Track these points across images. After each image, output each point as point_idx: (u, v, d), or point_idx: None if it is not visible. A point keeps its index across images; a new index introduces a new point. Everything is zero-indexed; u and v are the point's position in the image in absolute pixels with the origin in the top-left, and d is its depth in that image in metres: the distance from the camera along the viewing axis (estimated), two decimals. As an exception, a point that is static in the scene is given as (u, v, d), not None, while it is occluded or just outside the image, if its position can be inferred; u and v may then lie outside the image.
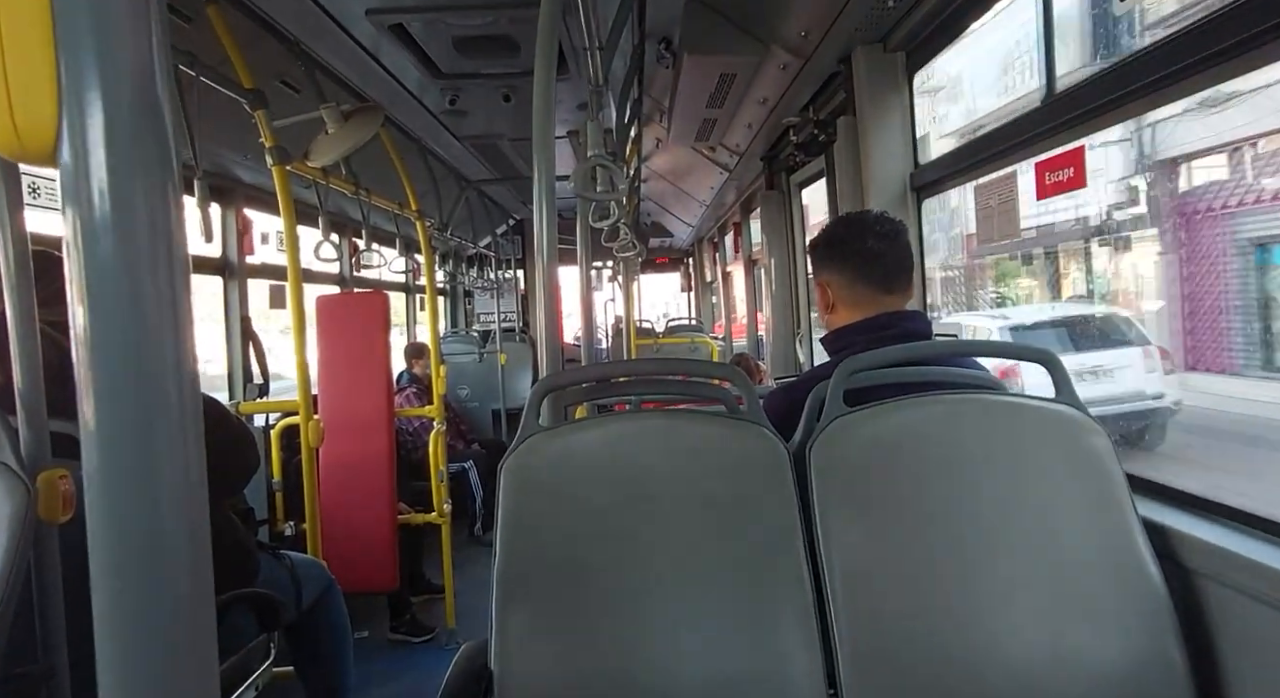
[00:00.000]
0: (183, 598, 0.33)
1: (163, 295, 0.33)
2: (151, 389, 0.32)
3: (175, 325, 0.33)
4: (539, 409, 1.25)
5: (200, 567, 0.34)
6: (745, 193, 4.88)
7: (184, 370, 0.34)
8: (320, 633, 2.10)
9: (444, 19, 2.32)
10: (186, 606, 0.34)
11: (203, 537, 0.34)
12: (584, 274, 2.44)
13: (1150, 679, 1.05)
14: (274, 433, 3.05)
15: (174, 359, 0.33)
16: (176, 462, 0.33)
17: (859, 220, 1.46)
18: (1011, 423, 1.19)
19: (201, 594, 0.35)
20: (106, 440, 0.31)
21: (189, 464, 0.34)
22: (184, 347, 0.34)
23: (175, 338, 0.33)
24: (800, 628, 1.10)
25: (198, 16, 1.98)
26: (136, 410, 0.32)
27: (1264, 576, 1.00)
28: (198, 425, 0.35)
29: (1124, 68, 1.33)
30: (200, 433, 0.35)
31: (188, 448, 0.34)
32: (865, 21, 2.17)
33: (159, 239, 0.33)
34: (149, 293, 0.32)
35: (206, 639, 0.35)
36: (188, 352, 0.34)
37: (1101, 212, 4.83)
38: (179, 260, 0.34)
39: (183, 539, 0.33)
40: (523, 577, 1.13)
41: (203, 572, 0.34)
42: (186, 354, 0.34)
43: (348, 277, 4.46)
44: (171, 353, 0.33)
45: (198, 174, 2.21)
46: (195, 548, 0.34)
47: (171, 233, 0.34)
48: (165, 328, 0.33)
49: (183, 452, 0.33)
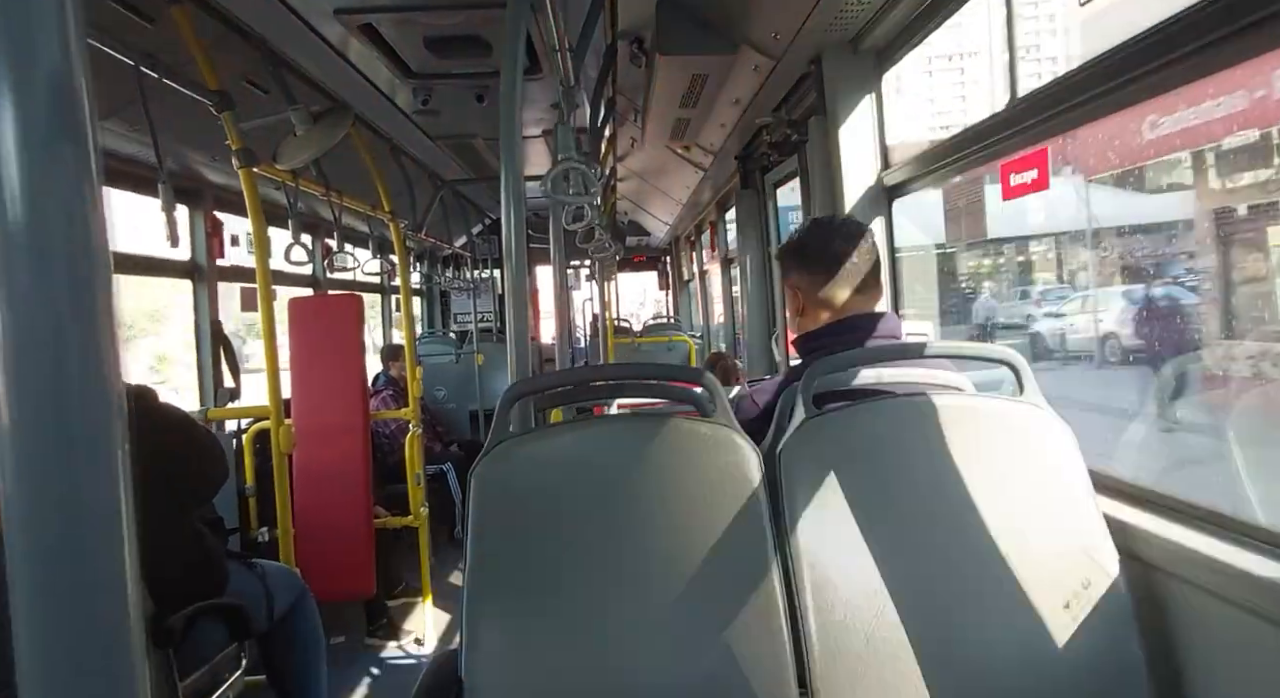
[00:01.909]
0: (108, 625, 0.32)
1: (80, 300, 0.31)
2: (68, 401, 0.31)
3: (94, 330, 0.32)
4: (509, 415, 1.24)
5: (127, 590, 0.33)
6: (721, 192, 4.90)
7: (105, 379, 0.32)
8: (292, 642, 2.08)
9: (415, 18, 2.30)
10: (112, 633, 0.32)
11: (129, 560, 0.33)
12: (558, 275, 2.43)
13: (1111, 673, 1.08)
14: (246, 438, 3.01)
15: (94, 367, 0.32)
16: (97, 476, 0.32)
17: (825, 224, 1.48)
18: (978, 424, 1.21)
19: (127, 617, 0.33)
20: (22, 459, 0.30)
21: (112, 479, 0.32)
22: (105, 355, 0.32)
23: (95, 343, 0.32)
24: (771, 630, 1.10)
25: (160, 17, 1.94)
26: (55, 423, 0.31)
27: (1220, 571, 1.03)
28: (122, 435, 0.33)
29: (1083, 73, 1.35)
30: (125, 445, 0.33)
31: (110, 462, 0.32)
32: (835, 23, 2.18)
33: (76, 240, 0.31)
34: (65, 297, 0.31)
35: (129, 664, 0.34)
36: (109, 360, 0.32)
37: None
38: (101, 264, 0.32)
39: (107, 562, 0.32)
40: (494, 586, 1.13)
41: (130, 595, 0.33)
42: (107, 362, 0.32)
43: (321, 278, 4.41)
44: (92, 361, 0.32)
45: (161, 177, 2.16)
46: (121, 571, 0.33)
47: (90, 233, 0.32)
48: (83, 333, 0.31)
49: (105, 466, 0.32)
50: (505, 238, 1.42)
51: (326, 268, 4.39)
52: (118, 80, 2.06)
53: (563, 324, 2.72)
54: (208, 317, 3.31)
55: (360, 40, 2.38)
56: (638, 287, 11.70)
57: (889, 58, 2.33)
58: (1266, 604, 0.96)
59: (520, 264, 1.44)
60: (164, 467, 1.68)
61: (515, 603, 1.12)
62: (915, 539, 1.14)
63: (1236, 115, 2.00)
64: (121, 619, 0.33)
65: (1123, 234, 4.69)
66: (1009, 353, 1.26)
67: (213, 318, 3.33)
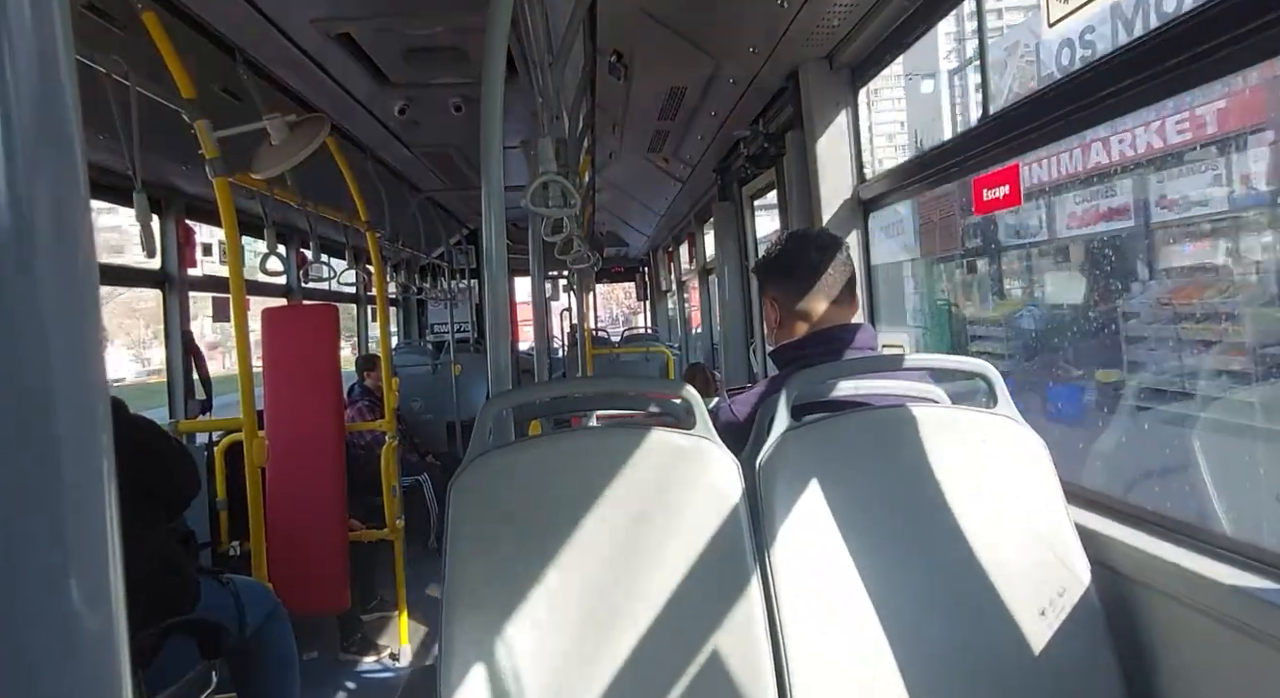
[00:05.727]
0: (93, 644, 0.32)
1: (67, 309, 0.31)
2: (52, 411, 0.30)
3: (80, 340, 0.31)
4: (488, 427, 1.24)
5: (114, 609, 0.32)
6: (699, 203, 4.93)
7: (92, 394, 0.32)
8: (264, 658, 2.04)
9: (392, 28, 2.29)
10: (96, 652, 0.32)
11: (115, 578, 0.32)
12: (537, 286, 2.43)
13: (1085, 680, 1.09)
14: (217, 451, 2.96)
15: (79, 379, 0.31)
16: (81, 489, 0.31)
17: (801, 237, 1.50)
18: (954, 435, 1.23)
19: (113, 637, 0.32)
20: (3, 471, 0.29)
21: (97, 492, 0.32)
22: (91, 366, 0.31)
23: (80, 354, 0.31)
24: (751, 640, 1.11)
25: (132, 23, 1.91)
26: (39, 435, 0.30)
27: (1186, 580, 1.05)
28: (107, 447, 0.33)
29: (1052, 92, 1.39)
30: (110, 466, 0.33)
31: (96, 474, 0.32)
32: (811, 39, 2.22)
33: (65, 250, 0.31)
34: (50, 306, 0.30)
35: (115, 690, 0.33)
36: (95, 371, 0.32)
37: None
38: (87, 273, 0.32)
39: (94, 580, 0.31)
40: (473, 598, 1.12)
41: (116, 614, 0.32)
42: (93, 374, 0.32)
43: (295, 288, 4.36)
44: (78, 372, 0.31)
45: (136, 186, 2.13)
46: (108, 588, 0.32)
47: (80, 245, 0.31)
48: (69, 343, 0.31)
49: (89, 478, 0.31)
50: (485, 248, 1.41)
51: (301, 278, 4.34)
52: (87, 87, 2.03)
53: (540, 334, 2.71)
54: (178, 327, 3.25)
55: (337, 49, 2.37)
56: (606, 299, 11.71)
57: (865, 73, 2.37)
58: (1230, 610, 0.99)
59: (500, 274, 1.43)
60: (134, 479, 1.64)
61: (494, 616, 1.11)
62: (893, 549, 1.15)
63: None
64: (108, 637, 0.32)
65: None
66: (983, 365, 1.28)
67: (184, 328, 3.27)
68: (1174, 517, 1.18)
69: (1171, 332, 3.03)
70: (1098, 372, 3.41)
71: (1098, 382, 3.40)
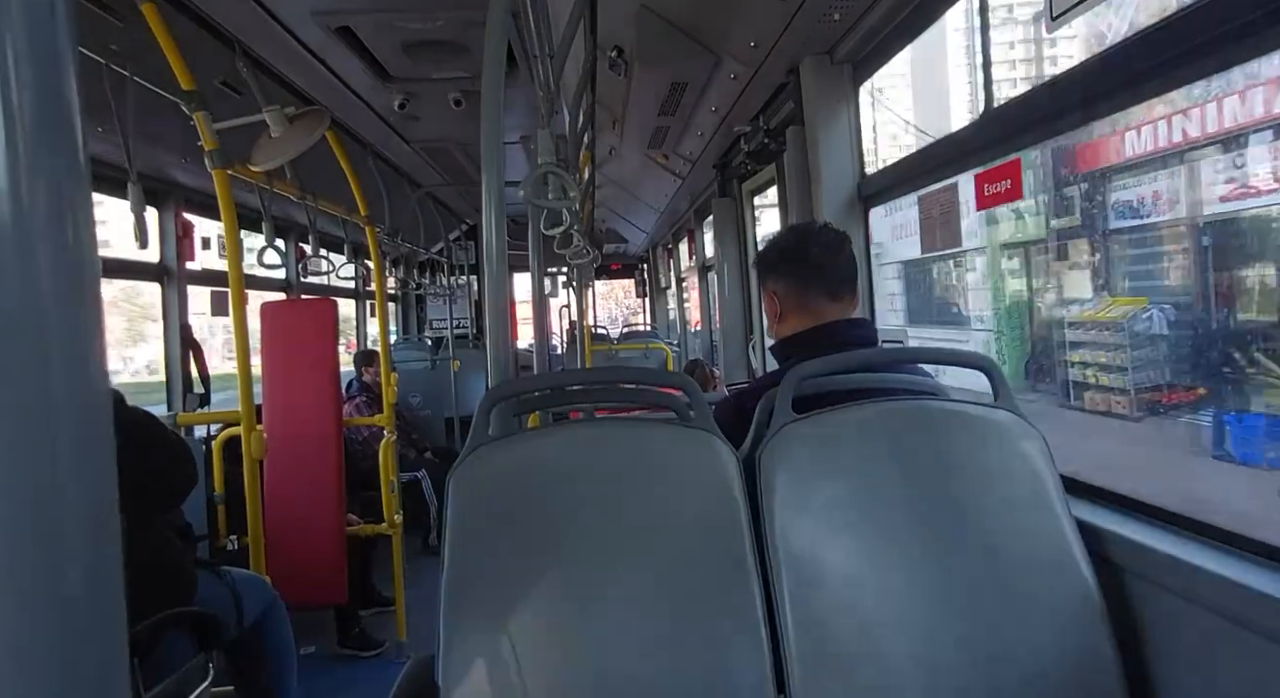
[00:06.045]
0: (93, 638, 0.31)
1: (69, 302, 0.31)
2: (55, 405, 0.30)
3: (82, 333, 0.31)
4: (488, 420, 1.24)
5: (115, 603, 0.32)
6: (699, 199, 4.92)
7: (94, 388, 0.31)
8: (262, 651, 2.04)
9: (393, 22, 2.29)
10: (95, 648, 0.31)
11: (116, 571, 0.32)
12: (536, 281, 2.43)
13: (1084, 673, 1.09)
14: (216, 444, 2.95)
15: (81, 372, 0.31)
16: (83, 482, 0.31)
17: (803, 231, 1.49)
18: (952, 428, 1.23)
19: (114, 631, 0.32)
20: (4, 465, 0.29)
21: (100, 485, 0.32)
22: (92, 359, 0.31)
23: (83, 347, 0.31)
24: (751, 634, 1.10)
25: (131, 14, 1.91)
26: (41, 429, 0.30)
27: (1185, 572, 1.05)
28: (109, 440, 0.33)
29: (1054, 86, 1.39)
30: (110, 458, 0.33)
31: (96, 476, 0.32)
32: (812, 34, 2.21)
33: (64, 244, 0.31)
34: (52, 299, 0.30)
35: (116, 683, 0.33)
36: (97, 364, 0.31)
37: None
38: (89, 266, 0.32)
39: (96, 573, 0.31)
40: (471, 591, 1.11)
41: (116, 607, 0.32)
42: (95, 366, 0.31)
43: (294, 282, 4.35)
44: (79, 365, 0.31)
45: (132, 178, 2.12)
46: (111, 582, 0.32)
47: (81, 238, 0.31)
48: (71, 336, 0.31)
49: (89, 479, 0.31)
50: (485, 243, 1.41)
51: (300, 272, 4.33)
52: (85, 78, 2.02)
53: (540, 330, 2.71)
54: (177, 320, 3.24)
55: (337, 43, 2.36)
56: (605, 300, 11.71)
57: (866, 68, 2.36)
58: (1231, 604, 0.99)
59: (500, 269, 1.43)
60: (131, 472, 1.64)
61: (493, 607, 1.11)
62: (892, 542, 1.15)
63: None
64: (107, 629, 0.32)
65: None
66: (984, 358, 1.28)
67: (182, 321, 3.27)
68: (1173, 510, 1.18)
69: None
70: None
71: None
